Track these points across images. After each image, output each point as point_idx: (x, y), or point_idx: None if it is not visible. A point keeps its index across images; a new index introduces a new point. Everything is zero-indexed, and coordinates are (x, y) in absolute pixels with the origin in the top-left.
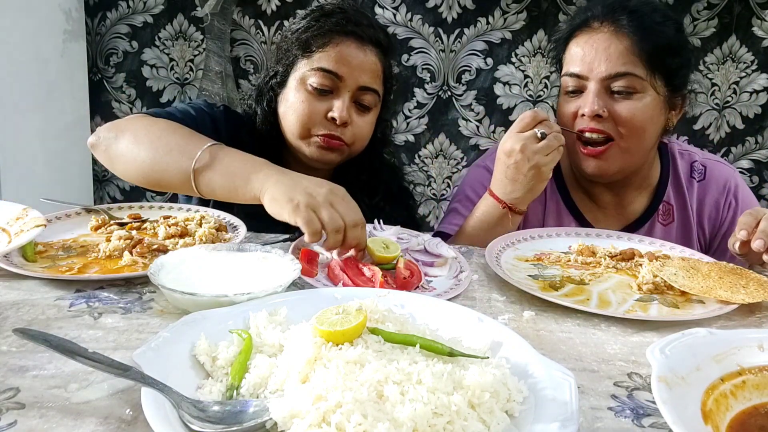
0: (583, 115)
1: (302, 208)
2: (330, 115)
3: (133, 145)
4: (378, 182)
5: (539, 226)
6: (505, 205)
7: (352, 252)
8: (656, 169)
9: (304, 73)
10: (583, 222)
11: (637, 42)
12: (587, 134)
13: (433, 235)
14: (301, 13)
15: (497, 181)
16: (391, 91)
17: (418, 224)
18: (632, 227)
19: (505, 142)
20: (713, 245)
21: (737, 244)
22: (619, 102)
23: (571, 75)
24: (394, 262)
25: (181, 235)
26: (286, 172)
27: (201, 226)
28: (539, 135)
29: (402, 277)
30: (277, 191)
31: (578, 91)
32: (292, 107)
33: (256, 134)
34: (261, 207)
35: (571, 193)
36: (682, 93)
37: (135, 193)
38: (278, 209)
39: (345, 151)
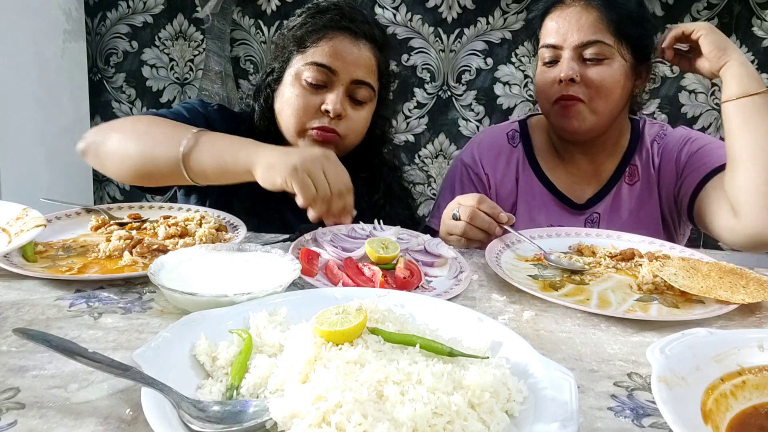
0: (560, 81)
1: (299, 170)
2: (324, 107)
3: (121, 143)
4: (378, 180)
5: (512, 204)
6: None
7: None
8: (626, 136)
9: (299, 68)
10: (554, 191)
11: (604, 14)
12: (560, 104)
13: (422, 230)
14: (298, 11)
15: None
16: (389, 88)
17: (417, 223)
18: (603, 191)
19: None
20: (680, 185)
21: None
22: (590, 68)
23: (548, 46)
24: (394, 262)
25: (181, 235)
26: (273, 146)
27: (201, 226)
28: (455, 215)
29: (402, 277)
30: (272, 157)
31: (554, 61)
32: (287, 102)
33: (254, 132)
34: (261, 207)
35: (543, 166)
36: (646, 63)
37: (135, 193)
38: (273, 174)
39: (339, 145)
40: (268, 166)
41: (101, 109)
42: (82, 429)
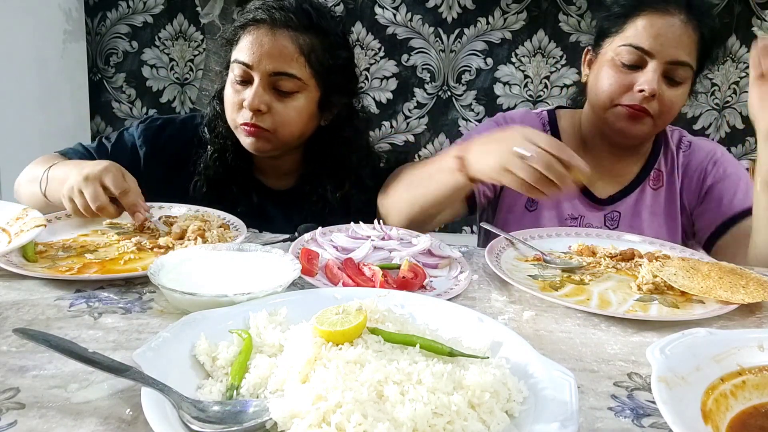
0: (641, 90)
1: (65, 191)
2: (243, 104)
3: (21, 186)
4: (345, 171)
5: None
6: (461, 160)
7: (138, 216)
8: (650, 140)
9: (231, 67)
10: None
11: (699, 39)
12: (629, 112)
13: None
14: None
15: (474, 146)
16: (337, 71)
17: None
18: (626, 190)
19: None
20: (700, 203)
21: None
22: (668, 88)
23: (637, 47)
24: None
25: (181, 237)
26: (78, 164)
27: (209, 231)
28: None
29: (402, 277)
30: (63, 180)
31: (635, 66)
32: (225, 102)
33: (215, 134)
34: (260, 207)
35: None
36: (698, 77)
37: None
38: (59, 196)
39: (271, 139)
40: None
41: (101, 109)
42: (82, 429)
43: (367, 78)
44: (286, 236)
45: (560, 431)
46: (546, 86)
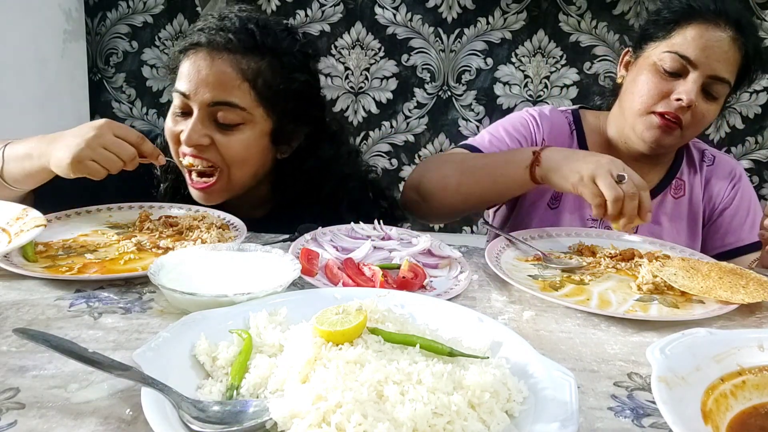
0: (678, 99)
1: (70, 157)
2: (180, 138)
3: None
4: (315, 191)
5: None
6: (537, 155)
7: (162, 158)
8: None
9: (173, 96)
10: None
11: (742, 57)
12: (663, 122)
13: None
14: None
15: (558, 150)
16: (293, 98)
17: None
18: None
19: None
20: (711, 219)
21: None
22: (704, 102)
23: (682, 56)
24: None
25: (180, 232)
26: (51, 136)
27: (209, 231)
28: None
29: (402, 277)
30: (35, 156)
31: (676, 74)
32: (165, 135)
33: (165, 169)
34: (261, 206)
35: None
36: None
37: None
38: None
39: (224, 178)
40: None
41: (101, 109)
42: (82, 429)
43: (367, 78)
44: (286, 236)
45: (560, 431)
46: (546, 86)
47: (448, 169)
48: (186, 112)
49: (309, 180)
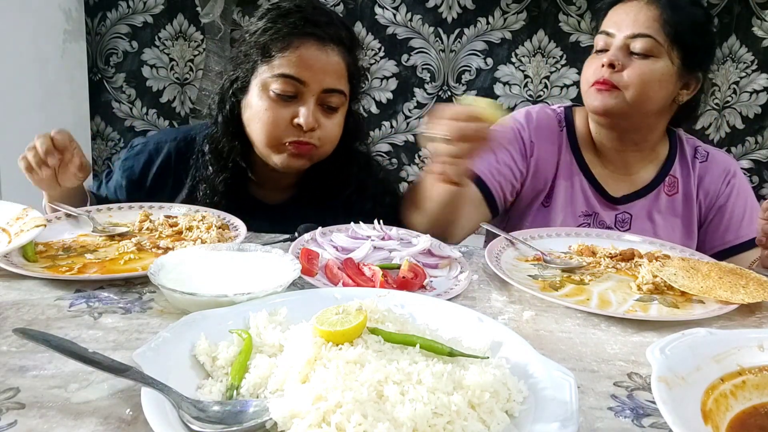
0: (603, 65)
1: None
2: (296, 121)
3: None
4: (346, 176)
5: (550, 180)
6: None
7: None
8: (665, 146)
9: (266, 79)
10: (593, 181)
11: (663, 13)
12: (596, 87)
13: None
14: (258, 13)
15: None
16: (360, 86)
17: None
18: (640, 193)
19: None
20: (708, 218)
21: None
22: (634, 60)
23: (602, 33)
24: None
25: (179, 232)
26: None
27: (209, 231)
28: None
29: (402, 277)
30: None
31: (604, 50)
32: (257, 115)
33: (216, 147)
34: (252, 222)
35: (584, 154)
36: (696, 73)
37: None
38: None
39: (315, 156)
40: None
41: (101, 109)
42: (82, 429)
43: (367, 78)
44: (286, 236)
45: (560, 431)
46: (546, 86)
47: (414, 220)
48: (290, 96)
49: (341, 161)
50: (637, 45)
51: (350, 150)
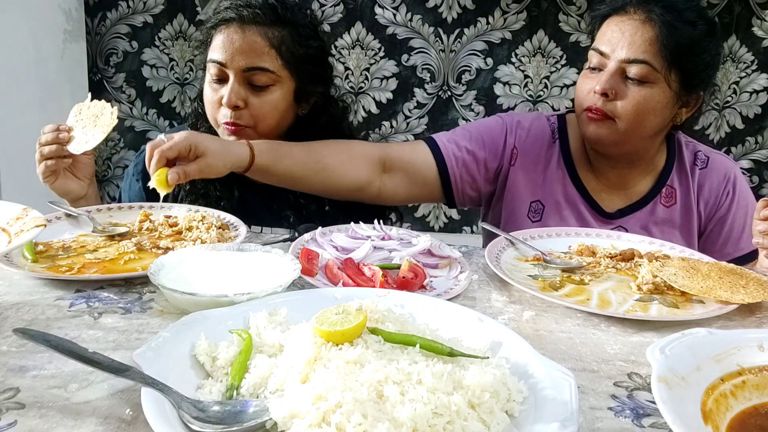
0: (595, 92)
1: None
2: (222, 101)
3: None
4: None
5: (535, 200)
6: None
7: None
8: (662, 155)
9: (207, 66)
10: (586, 196)
11: (662, 35)
12: (587, 115)
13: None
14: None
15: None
16: (310, 60)
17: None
18: (635, 206)
19: None
20: (707, 229)
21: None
22: (629, 87)
23: (596, 51)
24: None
25: (179, 232)
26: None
27: (208, 231)
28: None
29: (402, 277)
30: None
31: (598, 69)
32: (204, 99)
33: (199, 127)
34: (242, 200)
35: (577, 167)
36: (697, 92)
37: None
38: None
39: (251, 135)
40: None
41: None
42: (82, 429)
43: (367, 78)
44: (286, 236)
45: (560, 431)
46: (546, 86)
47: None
48: (222, 79)
49: (322, 136)
50: (633, 70)
51: (325, 127)
